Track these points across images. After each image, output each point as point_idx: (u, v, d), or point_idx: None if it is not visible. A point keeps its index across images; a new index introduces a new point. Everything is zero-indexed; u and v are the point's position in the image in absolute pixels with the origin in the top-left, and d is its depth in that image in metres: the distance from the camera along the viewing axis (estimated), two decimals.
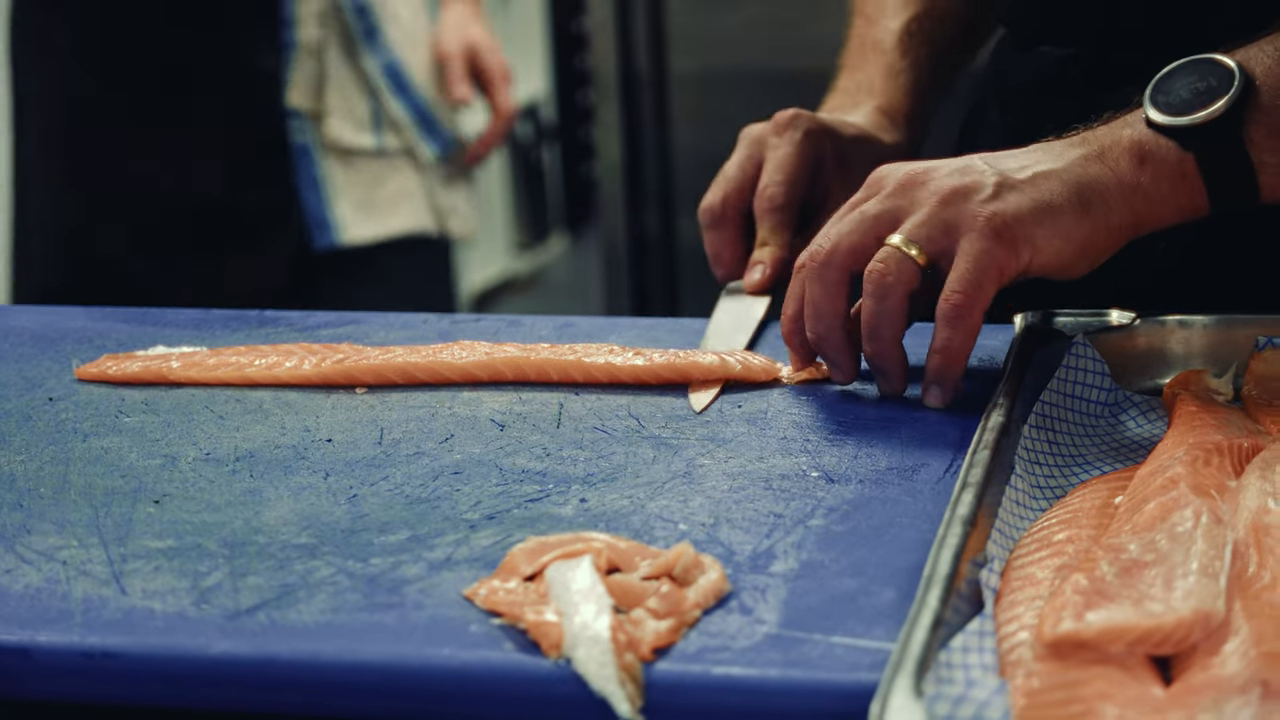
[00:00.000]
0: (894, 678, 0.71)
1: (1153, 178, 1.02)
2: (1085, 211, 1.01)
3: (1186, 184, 1.02)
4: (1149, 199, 1.02)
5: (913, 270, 1.01)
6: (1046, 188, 1.01)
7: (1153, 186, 1.02)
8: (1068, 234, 1.01)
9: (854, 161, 1.27)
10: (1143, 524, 0.84)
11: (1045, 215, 1.00)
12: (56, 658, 0.81)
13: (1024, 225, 1.00)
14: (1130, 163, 1.02)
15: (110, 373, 1.15)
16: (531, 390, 1.10)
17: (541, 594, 0.82)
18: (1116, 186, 1.02)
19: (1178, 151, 1.02)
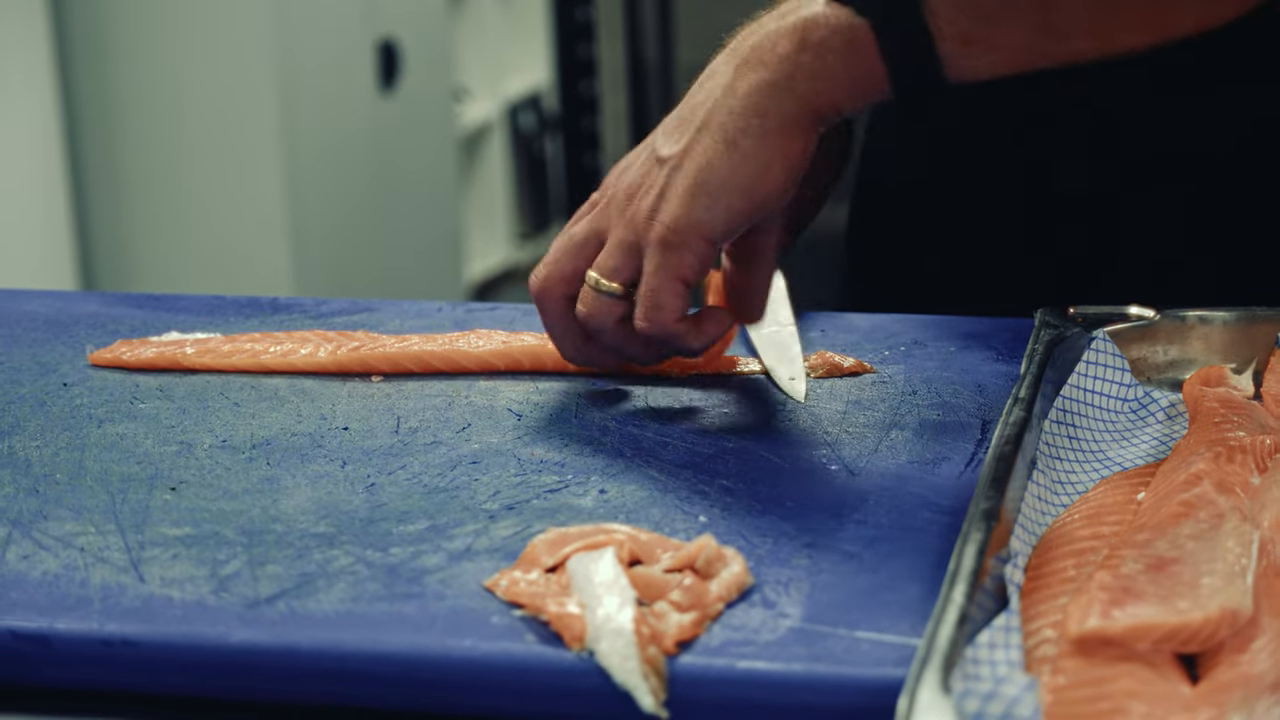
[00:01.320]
0: (921, 673, 0.70)
1: (818, 55, 0.97)
2: (739, 153, 0.97)
3: (858, 54, 0.97)
4: (813, 76, 0.97)
5: (611, 304, 1.01)
6: (701, 153, 0.98)
7: (819, 64, 0.97)
8: (735, 188, 0.97)
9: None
10: (1167, 521, 0.83)
11: (700, 188, 0.98)
12: (76, 645, 0.81)
13: (680, 219, 0.98)
14: (790, 46, 0.97)
15: (124, 358, 1.14)
16: (549, 380, 1.10)
17: (563, 586, 0.82)
18: (770, 86, 0.97)
19: (850, 18, 0.97)
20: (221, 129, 3.41)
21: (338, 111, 3.61)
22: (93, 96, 3.41)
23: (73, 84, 3.40)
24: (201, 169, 3.43)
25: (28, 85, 3.23)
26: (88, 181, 3.46)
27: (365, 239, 3.75)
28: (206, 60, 3.37)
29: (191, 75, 3.38)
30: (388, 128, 3.80)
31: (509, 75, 4.80)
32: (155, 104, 3.40)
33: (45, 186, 3.30)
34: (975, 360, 1.10)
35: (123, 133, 3.42)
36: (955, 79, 0.98)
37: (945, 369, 1.09)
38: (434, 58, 4.01)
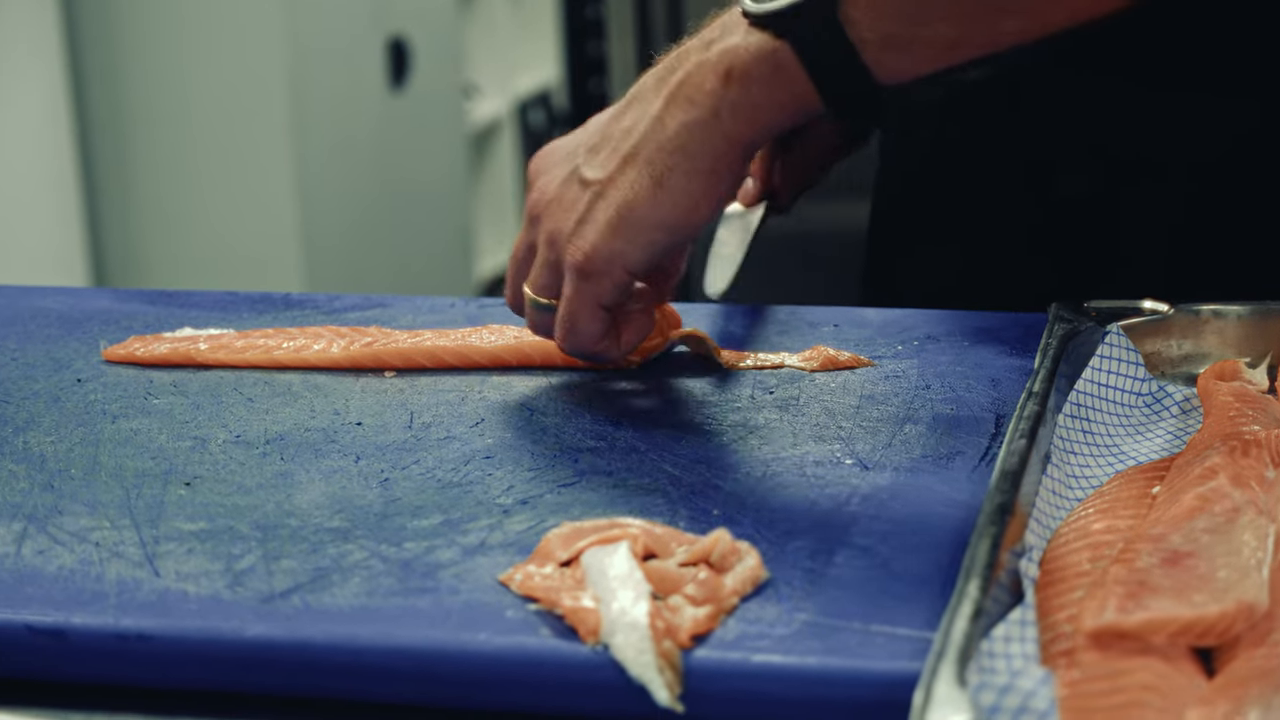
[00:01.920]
0: (937, 666, 0.70)
1: (743, 87, 0.97)
2: (666, 191, 0.97)
3: (783, 77, 0.96)
4: (736, 110, 0.97)
5: (549, 318, 1.03)
6: (627, 186, 0.98)
7: (743, 97, 0.97)
8: (649, 223, 0.98)
9: None
10: (1182, 515, 0.83)
11: (622, 221, 0.98)
12: (91, 639, 0.81)
13: (601, 251, 0.99)
14: (716, 82, 0.97)
15: (138, 354, 1.15)
16: (561, 375, 1.10)
17: (578, 580, 0.82)
18: (700, 126, 0.97)
19: (769, 40, 0.96)
20: (232, 126, 3.41)
21: (348, 109, 3.61)
22: (104, 94, 3.41)
23: (84, 81, 3.40)
24: (212, 166, 3.44)
25: (39, 83, 3.23)
26: (99, 178, 3.46)
27: (375, 236, 3.75)
28: (217, 58, 3.38)
29: (202, 73, 3.39)
30: (398, 125, 3.81)
31: (519, 73, 4.80)
32: (166, 102, 3.40)
33: (57, 184, 3.30)
34: (989, 355, 1.10)
35: (134, 130, 3.43)
36: (886, 82, 0.97)
37: (959, 363, 1.09)
38: (444, 55, 4.01)
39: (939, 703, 0.68)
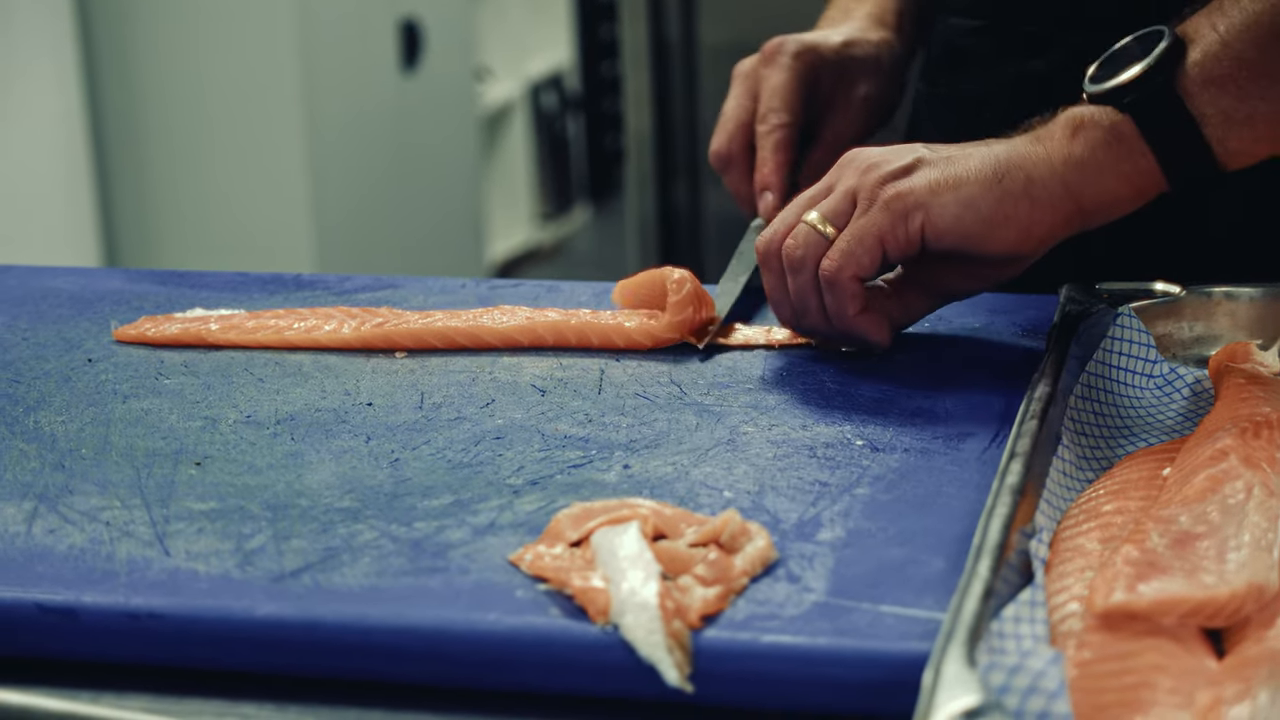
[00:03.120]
0: (946, 647, 0.70)
1: (1086, 145, 0.99)
2: (998, 182, 0.99)
3: (1125, 148, 0.99)
4: (1083, 167, 0.99)
5: (821, 244, 1.02)
6: (964, 164, 1.00)
7: (1087, 154, 0.99)
8: (970, 201, 0.99)
9: (849, 68, 1.28)
10: (1193, 496, 0.83)
11: (948, 186, 1.00)
12: (102, 618, 0.81)
13: (917, 195, 1.00)
14: (1064, 135, 1.00)
15: (149, 335, 1.15)
16: (572, 356, 1.10)
17: (588, 560, 0.82)
18: (1044, 159, 1.00)
19: (1112, 114, 0.99)
20: (244, 108, 3.41)
21: (360, 91, 3.61)
22: (116, 76, 3.41)
23: (96, 64, 3.40)
24: (224, 148, 3.44)
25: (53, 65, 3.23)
26: (111, 159, 3.46)
27: (387, 219, 3.75)
28: (229, 40, 3.38)
29: (215, 55, 3.39)
30: (410, 108, 3.80)
31: (531, 55, 4.80)
32: (178, 84, 3.40)
33: (69, 165, 3.30)
34: (1000, 336, 1.10)
35: (146, 111, 3.43)
36: (1232, 164, 0.99)
37: (970, 345, 1.08)
38: (456, 38, 4.01)
39: (949, 683, 0.68)
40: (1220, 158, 0.99)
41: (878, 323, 1.04)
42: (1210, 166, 0.99)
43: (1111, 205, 1.01)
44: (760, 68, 1.26)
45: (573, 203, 5.09)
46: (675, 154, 2.89)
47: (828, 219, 1.02)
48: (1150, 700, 0.70)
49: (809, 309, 1.04)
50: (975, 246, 1.01)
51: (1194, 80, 0.98)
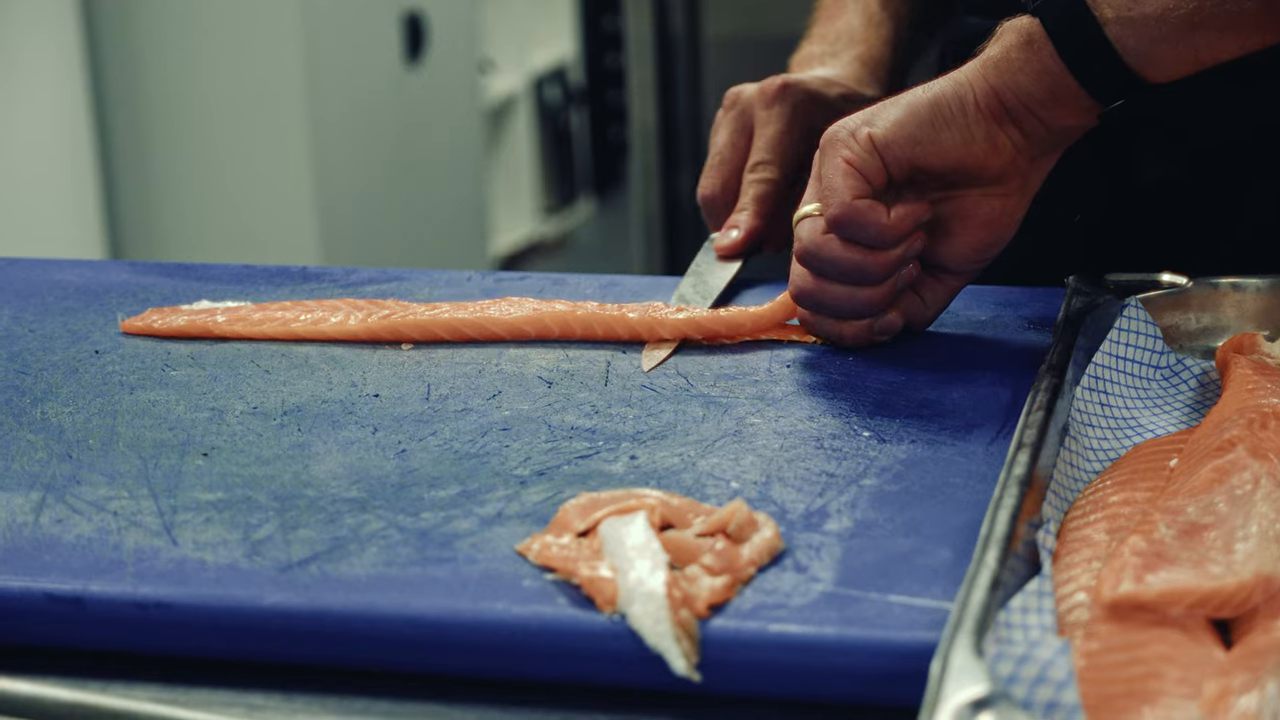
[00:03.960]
0: (954, 637, 0.70)
1: (1002, 47, 1.03)
2: (930, 89, 1.04)
3: (1034, 48, 1.02)
4: (998, 66, 1.02)
5: (812, 222, 1.05)
6: (905, 93, 1.05)
7: (1001, 54, 1.03)
8: (909, 107, 1.03)
9: None
10: (1200, 487, 0.83)
11: (889, 104, 1.05)
12: (109, 607, 0.81)
13: (860, 118, 1.04)
14: (990, 43, 1.04)
15: (155, 326, 1.15)
16: (578, 348, 1.10)
17: (595, 550, 0.82)
18: (970, 66, 1.04)
19: (1026, 19, 1.02)
20: (248, 101, 3.41)
21: (364, 84, 3.61)
22: (120, 69, 3.41)
23: (100, 57, 3.40)
24: (228, 141, 3.44)
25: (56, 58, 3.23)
26: (115, 153, 3.46)
27: (391, 212, 3.75)
28: (234, 33, 3.38)
29: (219, 48, 3.39)
30: (413, 100, 3.80)
31: (535, 48, 4.79)
32: (183, 77, 3.40)
33: (73, 157, 3.30)
34: (1006, 328, 1.10)
35: (150, 104, 3.43)
36: (1148, 71, 1.00)
37: (977, 336, 1.08)
38: (460, 30, 4.01)
39: (956, 673, 0.68)
40: (1128, 61, 1.00)
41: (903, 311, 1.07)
42: (1122, 71, 1.00)
43: (1033, 105, 1.02)
44: (758, 107, 1.25)
45: (576, 196, 5.09)
46: (679, 147, 2.89)
47: (811, 202, 1.06)
48: (1158, 690, 0.70)
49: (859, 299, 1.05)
50: (929, 155, 1.03)
51: None
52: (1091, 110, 1.02)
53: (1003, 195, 1.05)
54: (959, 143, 1.03)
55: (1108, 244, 1.20)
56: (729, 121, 1.26)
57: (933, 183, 1.05)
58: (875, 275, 1.04)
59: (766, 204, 1.23)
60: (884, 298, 1.05)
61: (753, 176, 1.24)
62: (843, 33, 1.34)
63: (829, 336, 1.08)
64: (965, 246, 1.06)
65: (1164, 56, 1.00)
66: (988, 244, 1.06)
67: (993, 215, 1.05)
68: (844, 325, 1.07)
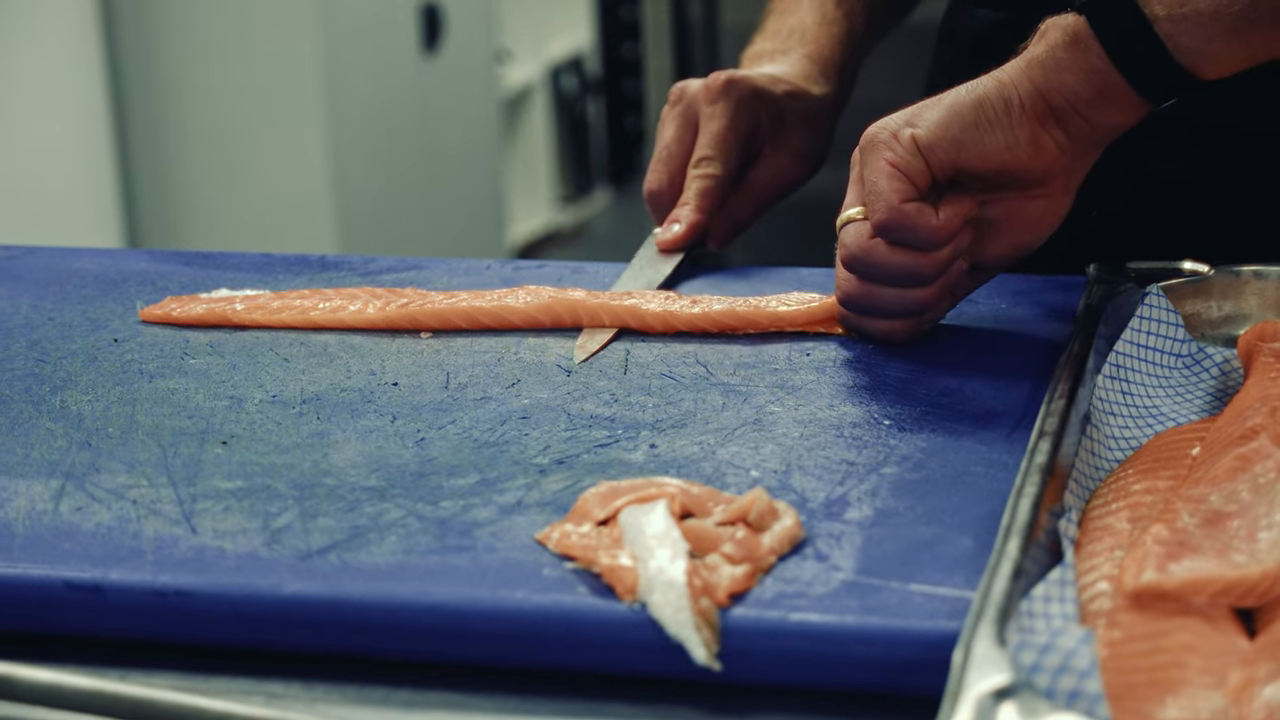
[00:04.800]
0: (976, 626, 0.70)
1: (1047, 45, 1.01)
2: (974, 90, 1.02)
3: (1081, 47, 1.00)
4: (1044, 66, 1.00)
5: (857, 227, 1.02)
6: (947, 99, 1.03)
7: (1046, 54, 1.01)
8: (952, 108, 1.01)
9: (787, 119, 1.28)
10: (1223, 475, 0.83)
11: (931, 104, 1.02)
12: (129, 595, 0.81)
13: (901, 118, 1.02)
14: (1033, 42, 1.02)
15: (174, 315, 1.15)
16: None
17: (615, 538, 0.82)
18: (1014, 65, 1.02)
19: (1072, 16, 1.01)
20: (266, 91, 3.41)
21: (381, 74, 3.61)
22: (138, 61, 3.41)
23: (117, 45, 3.41)
24: (246, 130, 3.44)
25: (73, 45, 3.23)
26: (133, 143, 3.47)
27: (408, 202, 3.75)
28: (251, 22, 3.38)
29: (236, 38, 3.39)
30: (430, 90, 3.80)
31: (551, 38, 4.79)
32: (200, 67, 3.40)
33: (91, 147, 3.31)
34: (1028, 316, 1.09)
35: (167, 95, 3.43)
36: (1200, 68, 0.98)
37: (997, 325, 1.08)
38: (476, 20, 4.00)
39: (979, 662, 0.68)
40: (1180, 59, 0.98)
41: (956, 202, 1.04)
42: (1173, 69, 0.99)
43: (1079, 104, 1.00)
44: (703, 103, 1.26)
45: (593, 185, 5.08)
46: None
47: (853, 206, 1.03)
48: (1181, 680, 0.69)
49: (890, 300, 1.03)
50: (973, 158, 1.01)
51: None
52: (1140, 108, 1.01)
53: (1046, 196, 1.03)
54: (1003, 145, 1.01)
55: (1128, 233, 1.19)
56: (674, 117, 1.27)
57: (975, 184, 1.03)
58: (927, 277, 1.02)
59: (709, 199, 1.24)
60: (935, 296, 1.04)
61: (696, 172, 1.24)
62: (795, 29, 1.34)
63: (876, 335, 1.06)
64: (1007, 247, 1.05)
65: (1217, 54, 0.98)
66: (1029, 244, 1.05)
67: (1036, 217, 1.04)
68: (894, 324, 1.05)
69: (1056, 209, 1.04)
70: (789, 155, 1.28)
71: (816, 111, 1.29)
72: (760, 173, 1.27)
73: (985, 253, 1.05)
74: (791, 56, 1.32)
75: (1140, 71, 0.99)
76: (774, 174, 1.28)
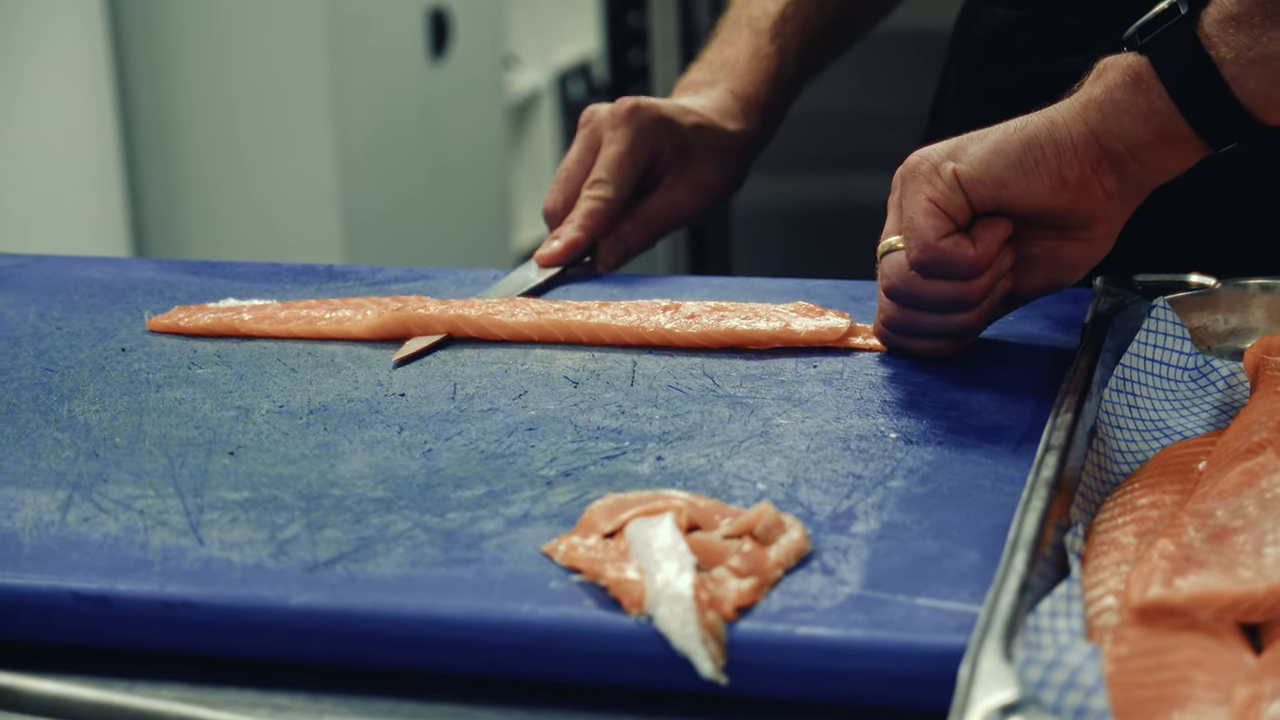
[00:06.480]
0: (983, 641, 0.70)
1: (1105, 86, 0.99)
2: (1023, 129, 0.99)
3: (1142, 88, 0.98)
4: (1101, 108, 0.98)
5: (894, 258, 1.01)
6: (992, 128, 1.00)
7: (1105, 95, 0.98)
8: (997, 147, 0.99)
9: (692, 150, 1.30)
10: (1229, 489, 0.83)
11: (974, 139, 1.00)
12: (136, 606, 0.81)
13: (944, 150, 1.00)
14: (1088, 81, 1.00)
15: (182, 324, 1.15)
16: (604, 348, 1.09)
17: (622, 551, 0.82)
18: (1067, 105, 0.99)
19: (1132, 56, 0.98)
20: (272, 97, 3.41)
21: (388, 79, 3.61)
22: (145, 65, 3.42)
23: (126, 53, 3.41)
24: (252, 137, 3.44)
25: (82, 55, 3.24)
26: (140, 149, 3.47)
27: (415, 207, 3.75)
28: (258, 30, 3.38)
29: (243, 44, 3.39)
30: (438, 96, 3.80)
31: (559, 44, 4.79)
32: (206, 72, 3.41)
33: (99, 155, 3.31)
34: (1033, 328, 1.09)
35: (174, 102, 3.43)
36: (1264, 112, 0.97)
37: (1003, 337, 1.08)
38: (484, 26, 4.00)
39: (985, 677, 0.68)
40: (1245, 102, 0.96)
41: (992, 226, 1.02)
42: (1238, 113, 0.97)
43: (1137, 148, 0.98)
44: (606, 127, 1.27)
45: None
46: None
47: (893, 234, 1.02)
48: (1188, 696, 0.69)
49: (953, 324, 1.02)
50: (1015, 197, 0.99)
51: (1212, 20, 0.97)
52: (1199, 153, 0.99)
53: (1087, 240, 1.01)
54: (1048, 187, 0.99)
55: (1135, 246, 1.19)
56: (580, 139, 1.29)
57: (1014, 220, 1.01)
58: (969, 303, 1.01)
59: (595, 220, 1.26)
60: (980, 318, 1.03)
61: (589, 193, 1.26)
62: (727, 61, 1.35)
63: (918, 354, 1.05)
64: (1041, 282, 1.04)
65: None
66: (1064, 282, 1.04)
67: (1073, 260, 1.02)
68: (937, 343, 1.04)
69: (1095, 252, 1.02)
70: (688, 187, 1.30)
71: (727, 147, 1.31)
72: (656, 201, 1.29)
73: (1019, 284, 1.04)
74: (716, 90, 1.33)
75: (1204, 115, 0.97)
76: (670, 203, 1.30)
